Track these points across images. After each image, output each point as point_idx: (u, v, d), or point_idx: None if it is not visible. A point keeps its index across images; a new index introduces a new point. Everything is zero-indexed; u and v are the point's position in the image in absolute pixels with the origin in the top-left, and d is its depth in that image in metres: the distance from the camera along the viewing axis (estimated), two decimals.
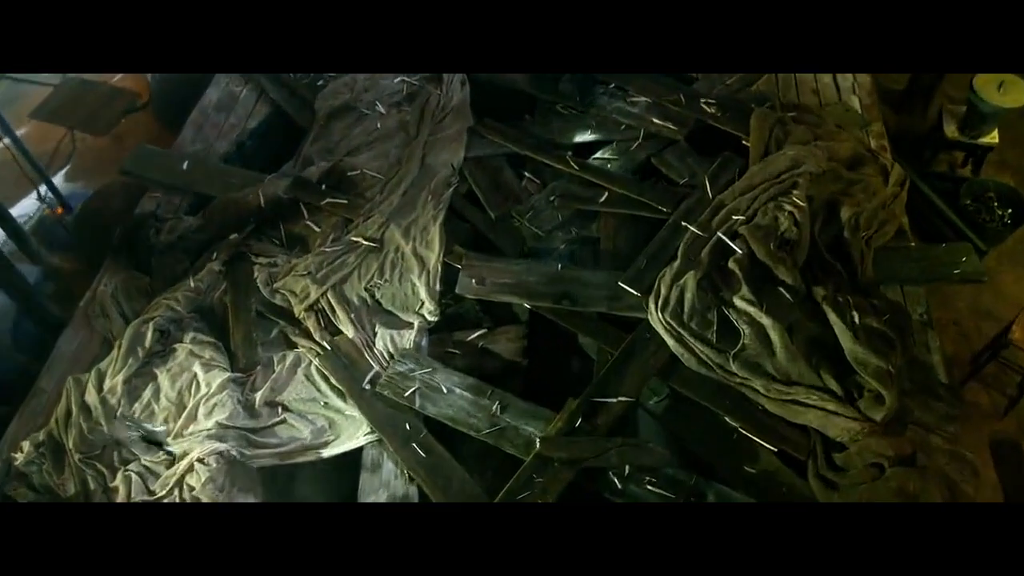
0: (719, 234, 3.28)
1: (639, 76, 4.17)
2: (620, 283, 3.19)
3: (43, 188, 4.71)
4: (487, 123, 4.04)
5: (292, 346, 3.25)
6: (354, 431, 2.96)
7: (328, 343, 3.17)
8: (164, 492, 2.82)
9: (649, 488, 2.71)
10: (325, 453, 2.92)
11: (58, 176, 5.11)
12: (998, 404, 3.89)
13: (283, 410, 3.03)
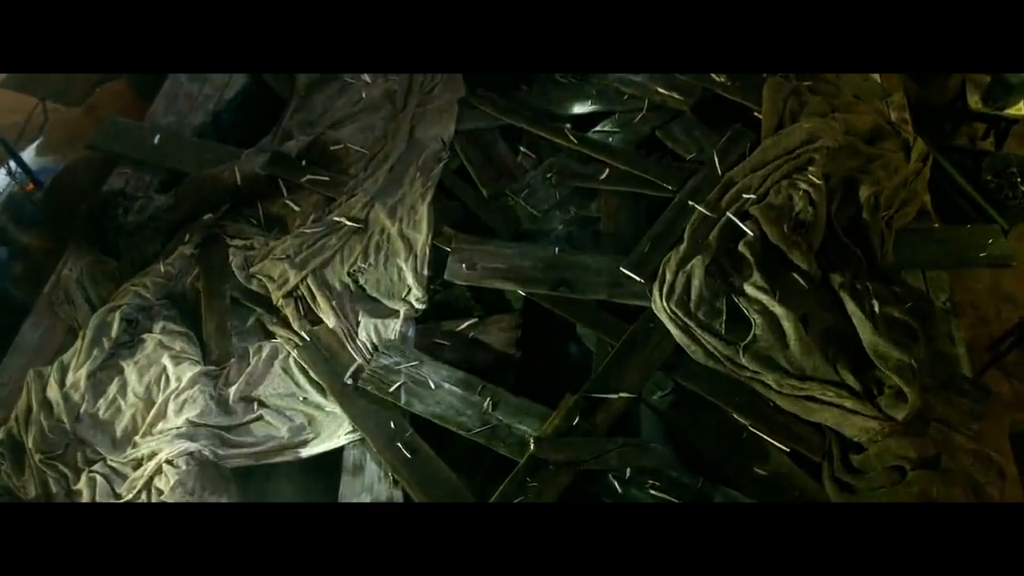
0: (728, 214, 3.13)
1: None
2: (622, 268, 3.06)
3: (12, 163, 4.46)
4: (480, 93, 3.90)
5: (269, 336, 3.10)
6: (335, 429, 2.81)
7: (307, 333, 3.01)
8: (131, 496, 2.67)
9: (652, 492, 2.59)
10: (304, 453, 2.78)
11: (28, 150, 4.85)
12: (1020, 393, 3.70)
13: (259, 406, 2.88)
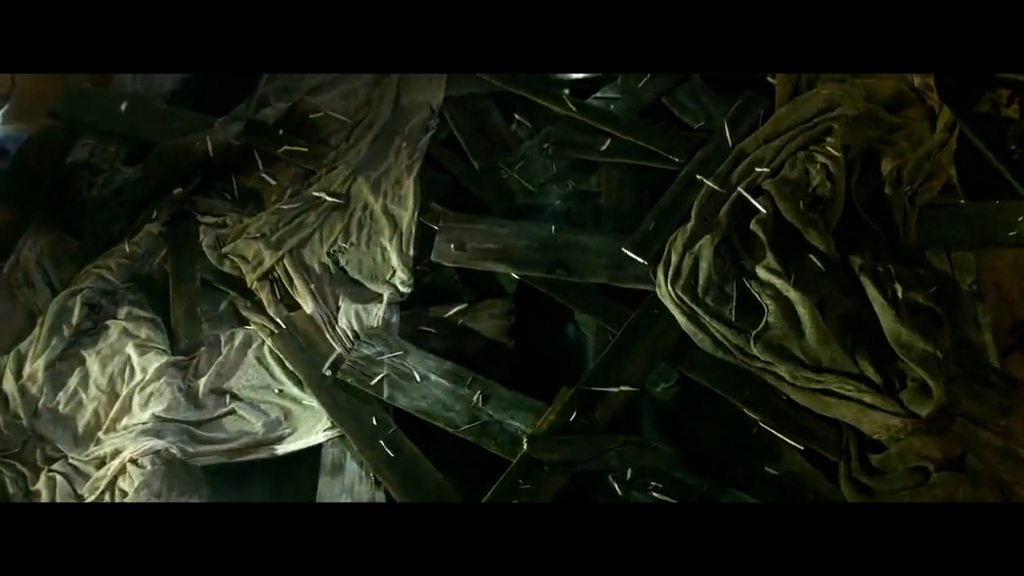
0: (740, 189, 2.94)
1: None
2: (623, 249, 2.88)
3: None
4: None
5: (243, 322, 2.96)
6: (313, 424, 2.68)
7: (283, 320, 2.86)
8: (93, 497, 2.55)
9: (654, 494, 2.46)
10: (280, 450, 2.65)
11: None
12: None
13: (231, 399, 2.75)
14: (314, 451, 2.63)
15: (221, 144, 3.34)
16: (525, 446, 2.47)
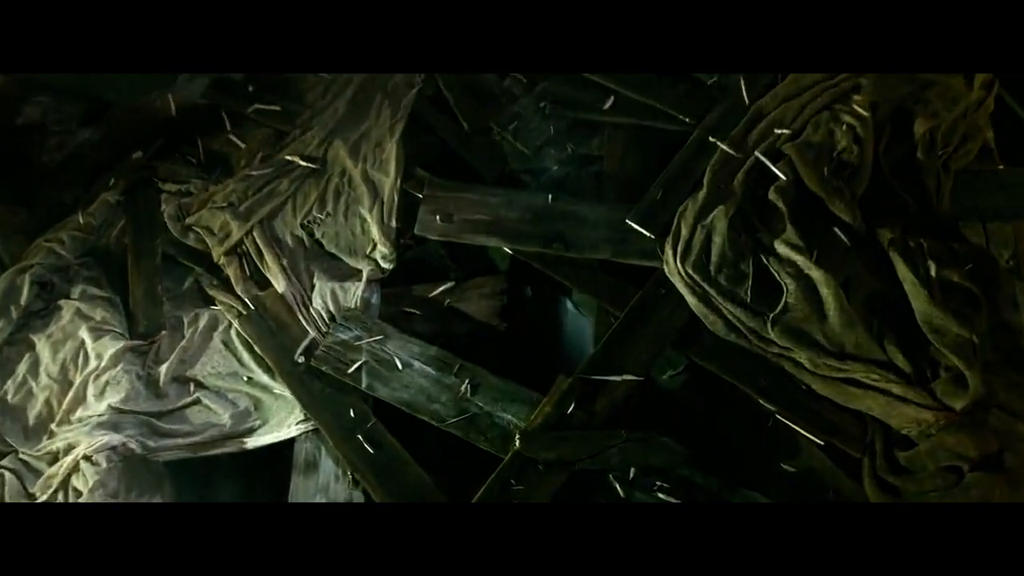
0: (757, 154, 2.83)
1: None
2: (628, 221, 2.78)
3: None
4: None
5: (208, 302, 2.87)
6: (285, 416, 2.60)
7: (251, 300, 2.74)
8: (46, 496, 2.45)
9: (660, 495, 2.39)
10: (249, 443, 2.56)
11: None
12: None
13: (195, 388, 2.66)
14: (286, 446, 2.55)
15: (185, 103, 3.26)
16: (517, 443, 2.40)
